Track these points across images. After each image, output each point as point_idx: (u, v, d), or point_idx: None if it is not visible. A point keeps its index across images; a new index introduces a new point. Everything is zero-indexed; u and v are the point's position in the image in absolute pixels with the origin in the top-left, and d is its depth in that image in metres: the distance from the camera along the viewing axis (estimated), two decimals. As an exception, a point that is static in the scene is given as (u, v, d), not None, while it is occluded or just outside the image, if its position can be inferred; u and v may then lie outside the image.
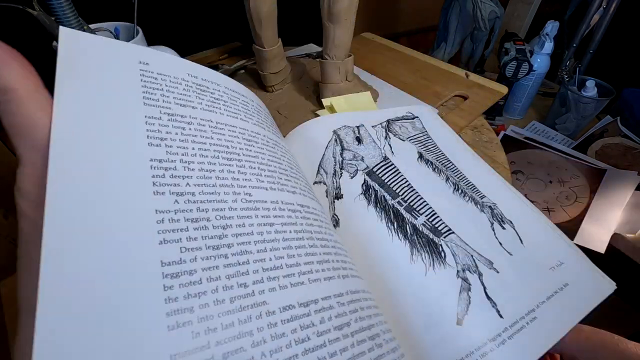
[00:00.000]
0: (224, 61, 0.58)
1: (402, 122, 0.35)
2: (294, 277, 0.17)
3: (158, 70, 0.21)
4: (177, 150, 0.18)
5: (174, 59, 0.23)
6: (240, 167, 0.20)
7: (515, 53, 0.73)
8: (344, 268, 0.20)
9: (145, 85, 0.20)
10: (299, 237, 0.19)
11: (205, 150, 0.19)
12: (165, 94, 0.21)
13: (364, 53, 0.59)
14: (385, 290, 0.22)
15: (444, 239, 0.25)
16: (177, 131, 0.19)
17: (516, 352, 0.20)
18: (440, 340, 0.20)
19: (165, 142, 0.18)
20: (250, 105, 0.25)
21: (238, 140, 0.21)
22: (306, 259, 0.18)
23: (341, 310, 0.18)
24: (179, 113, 0.20)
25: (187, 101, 0.21)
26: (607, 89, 0.75)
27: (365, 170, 0.29)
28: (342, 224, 0.26)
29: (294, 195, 0.21)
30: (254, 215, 0.18)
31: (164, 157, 0.18)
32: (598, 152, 0.73)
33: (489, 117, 0.83)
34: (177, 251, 0.14)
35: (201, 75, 0.23)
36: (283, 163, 0.23)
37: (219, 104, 0.23)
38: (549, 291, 0.23)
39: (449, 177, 0.30)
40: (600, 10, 0.79)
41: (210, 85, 0.23)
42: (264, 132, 0.24)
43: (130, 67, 0.20)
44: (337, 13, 0.34)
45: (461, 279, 0.23)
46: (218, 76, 0.25)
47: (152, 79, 0.21)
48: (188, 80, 0.22)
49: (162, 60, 0.22)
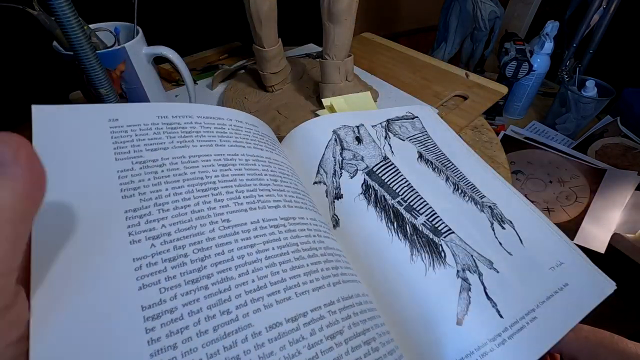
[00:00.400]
0: (224, 61, 0.58)
1: (402, 121, 0.35)
2: (279, 294, 0.18)
3: (127, 123, 0.23)
4: (151, 195, 0.19)
5: (143, 106, 0.24)
6: (216, 196, 0.21)
7: (515, 53, 0.73)
8: (336, 275, 0.20)
9: (116, 141, 0.21)
10: (283, 253, 0.19)
11: (179, 188, 0.20)
12: (136, 144, 0.22)
13: (364, 53, 0.59)
14: (385, 290, 0.22)
15: (444, 239, 0.25)
16: (149, 177, 0.20)
17: (516, 352, 0.20)
18: (440, 340, 0.20)
19: (139, 190, 0.20)
20: (228, 127, 0.26)
21: (213, 168, 0.22)
22: (292, 273, 0.19)
23: (333, 318, 0.18)
24: (151, 158, 0.21)
25: (158, 144, 0.22)
26: (607, 89, 0.75)
27: (365, 170, 0.29)
28: (342, 224, 0.26)
29: (276, 210, 0.22)
30: (233, 240, 0.19)
31: (138, 205, 0.19)
32: (598, 152, 0.73)
33: (489, 117, 0.83)
34: (157, 292, 0.15)
35: (171, 113, 0.24)
36: (265, 178, 0.23)
37: (191, 136, 0.24)
38: (549, 291, 0.23)
39: (448, 177, 0.30)
40: (600, 10, 0.79)
41: (181, 121, 0.24)
42: (243, 151, 0.24)
43: (100, 127, 0.21)
44: (337, 13, 0.34)
45: (461, 279, 0.23)
46: (189, 108, 0.26)
47: (122, 133, 0.22)
48: (158, 123, 0.23)
49: (130, 111, 0.23)
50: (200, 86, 0.50)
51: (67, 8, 0.22)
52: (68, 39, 0.24)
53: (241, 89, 0.46)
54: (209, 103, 0.46)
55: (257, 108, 0.42)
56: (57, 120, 0.21)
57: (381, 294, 0.22)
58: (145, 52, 0.35)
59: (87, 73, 0.25)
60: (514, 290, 0.23)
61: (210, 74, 0.52)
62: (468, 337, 0.20)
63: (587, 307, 0.23)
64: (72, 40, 0.24)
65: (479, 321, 0.21)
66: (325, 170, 0.29)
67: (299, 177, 0.27)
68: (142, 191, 0.19)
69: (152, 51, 0.35)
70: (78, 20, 0.23)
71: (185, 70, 0.37)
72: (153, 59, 0.36)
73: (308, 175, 0.29)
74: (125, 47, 0.32)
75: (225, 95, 0.45)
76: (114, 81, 0.33)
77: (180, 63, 0.36)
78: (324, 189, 0.28)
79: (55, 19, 0.23)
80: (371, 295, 0.23)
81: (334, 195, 0.27)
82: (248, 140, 0.25)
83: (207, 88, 0.50)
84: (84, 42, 0.24)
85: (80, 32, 0.24)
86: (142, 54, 0.34)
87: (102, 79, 0.26)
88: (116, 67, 0.33)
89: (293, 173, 0.27)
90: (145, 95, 0.36)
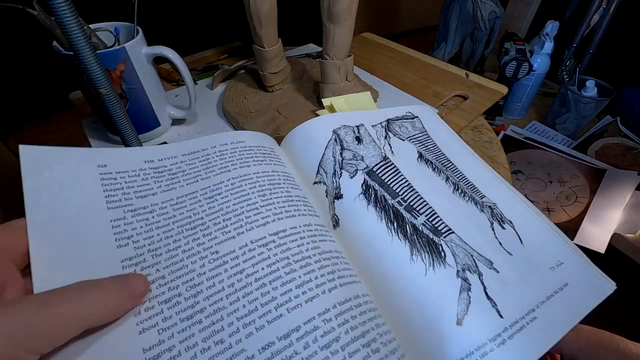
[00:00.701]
0: (224, 61, 0.58)
1: (402, 121, 0.35)
2: (271, 314, 0.18)
3: (116, 170, 0.23)
4: (144, 242, 0.21)
5: (129, 151, 0.25)
6: (204, 230, 0.22)
7: (515, 53, 0.73)
8: (332, 280, 0.20)
9: (106, 189, 0.22)
10: (273, 270, 0.20)
11: (169, 232, 0.21)
12: (126, 191, 0.23)
13: (364, 53, 0.59)
14: (385, 290, 0.22)
15: (444, 239, 0.25)
16: (141, 224, 0.21)
17: (516, 352, 0.20)
18: (441, 340, 0.20)
19: (132, 238, 0.21)
20: (212, 156, 0.26)
21: (200, 204, 0.23)
22: (283, 289, 0.19)
23: (328, 327, 0.18)
24: (141, 206, 0.22)
25: (146, 190, 0.23)
26: (607, 89, 0.75)
27: (365, 170, 0.29)
28: (342, 224, 0.26)
29: (265, 227, 0.22)
30: (223, 270, 0.20)
31: (133, 253, 0.20)
32: (598, 152, 0.73)
33: (489, 117, 0.83)
34: (156, 334, 0.16)
35: (157, 157, 0.25)
36: (252, 197, 0.24)
37: (177, 177, 0.25)
38: (549, 291, 0.23)
39: (448, 176, 0.30)
40: (600, 10, 0.79)
41: (167, 163, 0.25)
42: (228, 176, 0.25)
43: (91, 174, 0.22)
44: (337, 13, 0.34)
45: (461, 279, 0.23)
46: (173, 149, 0.26)
47: (111, 181, 0.23)
48: (145, 168, 0.24)
49: (118, 157, 0.24)
50: (200, 86, 0.50)
51: (66, 8, 0.22)
52: (68, 39, 0.24)
53: (241, 89, 0.46)
54: (209, 103, 0.46)
55: (257, 108, 0.42)
56: (46, 163, 0.21)
57: (381, 293, 0.22)
58: (145, 52, 0.35)
59: (87, 73, 0.25)
60: (514, 290, 0.23)
61: (210, 74, 0.52)
62: (468, 337, 0.20)
63: (587, 307, 0.23)
64: (72, 40, 0.24)
65: (479, 321, 0.21)
66: (325, 170, 0.29)
67: (295, 179, 0.27)
68: (135, 239, 0.20)
69: (152, 51, 0.35)
70: (78, 21, 0.23)
71: (185, 70, 0.37)
72: (153, 59, 0.36)
73: (308, 176, 0.29)
74: (125, 47, 0.32)
75: (225, 95, 0.45)
76: (114, 81, 0.33)
77: (180, 63, 0.36)
78: (324, 189, 0.28)
79: (55, 19, 0.23)
80: (371, 295, 0.23)
81: (334, 195, 0.27)
82: (233, 161, 0.26)
83: (207, 88, 0.50)
84: (83, 42, 0.24)
85: (80, 32, 0.24)
86: (142, 54, 0.34)
87: (102, 79, 0.26)
88: (116, 67, 0.33)
89: (286, 178, 0.27)
90: (145, 95, 0.36)
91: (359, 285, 0.21)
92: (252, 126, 0.39)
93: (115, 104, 0.27)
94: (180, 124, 0.42)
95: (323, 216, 0.26)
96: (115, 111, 0.28)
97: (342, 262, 0.22)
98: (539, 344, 0.20)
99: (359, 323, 0.19)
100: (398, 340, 0.20)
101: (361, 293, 0.21)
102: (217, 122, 0.43)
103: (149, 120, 0.38)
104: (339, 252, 0.23)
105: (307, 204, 0.25)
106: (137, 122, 0.35)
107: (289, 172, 0.28)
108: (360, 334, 0.18)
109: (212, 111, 0.45)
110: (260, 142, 0.29)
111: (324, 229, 0.24)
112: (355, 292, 0.20)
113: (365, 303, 0.20)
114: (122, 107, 0.28)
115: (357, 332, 0.18)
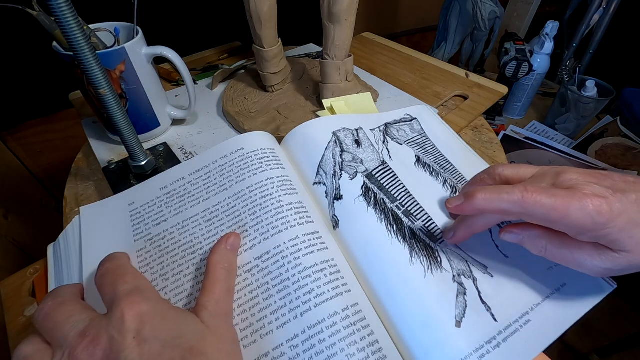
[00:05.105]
0: (224, 61, 0.58)
1: (400, 124, 0.35)
2: (247, 339, 0.20)
3: (141, 203, 0.27)
4: (157, 268, 0.23)
5: (151, 182, 0.28)
6: (202, 255, 0.23)
7: (515, 53, 0.73)
8: (307, 302, 0.21)
9: (134, 224, 0.26)
10: (253, 297, 0.21)
11: (175, 256, 0.23)
12: (146, 221, 0.26)
13: (364, 53, 0.59)
14: (384, 291, 0.22)
15: (439, 245, 0.25)
16: (156, 251, 0.24)
17: (510, 355, 0.20)
18: (437, 343, 0.20)
19: (149, 265, 0.23)
20: (213, 172, 0.28)
21: (200, 227, 0.25)
22: (260, 316, 0.21)
23: (293, 353, 0.19)
24: (156, 233, 0.25)
25: (160, 218, 0.26)
26: (607, 89, 0.74)
27: (364, 172, 0.29)
28: (342, 225, 0.26)
29: (251, 250, 0.23)
30: None
31: (150, 279, 0.22)
32: (598, 152, 0.73)
33: (489, 117, 0.83)
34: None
35: (169, 181, 0.28)
36: (244, 216, 0.25)
37: (184, 200, 0.27)
38: (547, 292, 0.23)
39: (446, 179, 0.31)
40: (600, 10, 0.79)
41: (176, 186, 0.27)
42: (225, 195, 0.26)
43: (123, 214, 0.26)
44: (337, 13, 0.34)
45: (457, 284, 0.23)
46: (181, 169, 0.29)
47: (137, 215, 0.26)
48: (160, 196, 0.27)
49: (142, 190, 0.28)
50: (200, 86, 0.50)
51: (66, 8, 0.22)
52: (68, 40, 0.24)
53: (241, 89, 0.46)
54: (209, 103, 0.46)
55: (257, 108, 0.42)
56: (95, 215, 0.26)
57: (380, 294, 0.22)
58: (145, 52, 0.35)
59: (86, 73, 0.25)
60: (508, 294, 0.23)
61: (210, 74, 0.52)
62: (464, 340, 0.20)
63: (586, 307, 0.23)
64: (72, 41, 0.24)
65: (474, 325, 0.21)
66: (325, 171, 0.29)
67: (293, 182, 0.27)
68: (151, 266, 0.23)
69: (152, 51, 0.35)
70: (77, 21, 0.23)
71: (185, 70, 0.37)
72: (153, 59, 0.36)
73: (308, 176, 0.29)
74: (125, 47, 0.32)
75: (225, 95, 0.45)
76: (114, 81, 0.33)
77: (180, 63, 0.36)
78: (323, 190, 0.28)
79: (54, 19, 0.23)
80: (370, 297, 0.23)
81: (334, 196, 0.27)
82: (230, 177, 0.27)
83: (207, 88, 0.50)
84: (83, 42, 0.24)
85: (80, 32, 0.24)
86: (142, 54, 0.34)
87: (101, 79, 0.26)
88: (116, 67, 0.33)
89: (281, 184, 0.27)
90: (145, 95, 0.36)
91: (339, 300, 0.21)
92: (252, 126, 0.39)
93: (115, 104, 0.27)
94: (180, 124, 0.42)
95: (321, 218, 0.26)
96: (115, 111, 0.28)
97: (327, 274, 0.22)
98: (532, 346, 0.21)
99: (327, 346, 0.19)
100: (394, 342, 0.20)
101: (340, 309, 0.21)
102: (217, 122, 0.43)
103: (148, 120, 0.38)
104: (326, 262, 0.23)
105: (300, 210, 0.25)
106: (137, 123, 0.35)
107: (287, 174, 0.28)
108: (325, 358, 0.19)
109: (212, 111, 0.45)
110: (259, 145, 0.29)
111: (315, 236, 0.24)
112: (331, 311, 0.21)
113: (349, 317, 0.21)
114: (122, 107, 0.28)
115: (321, 357, 0.19)
